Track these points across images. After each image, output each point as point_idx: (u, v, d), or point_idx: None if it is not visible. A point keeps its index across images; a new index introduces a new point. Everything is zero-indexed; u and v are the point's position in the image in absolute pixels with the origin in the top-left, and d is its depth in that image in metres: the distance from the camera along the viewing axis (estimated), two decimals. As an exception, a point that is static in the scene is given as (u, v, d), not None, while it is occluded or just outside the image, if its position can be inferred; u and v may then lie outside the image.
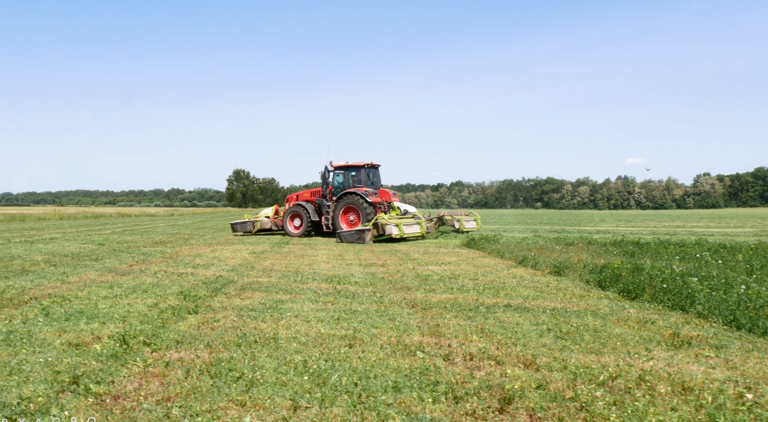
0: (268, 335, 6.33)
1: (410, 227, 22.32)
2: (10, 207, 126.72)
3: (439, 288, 10.03)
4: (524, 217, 73.73)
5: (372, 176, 25.32)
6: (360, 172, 24.88)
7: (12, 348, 5.66)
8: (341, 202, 23.99)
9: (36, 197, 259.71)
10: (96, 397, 4.32)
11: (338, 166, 25.07)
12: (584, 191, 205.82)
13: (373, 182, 25.28)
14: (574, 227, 36.74)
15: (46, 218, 43.87)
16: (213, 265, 13.48)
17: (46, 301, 8.29)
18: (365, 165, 25.00)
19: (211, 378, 4.76)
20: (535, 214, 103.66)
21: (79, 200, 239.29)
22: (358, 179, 24.81)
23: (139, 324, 6.83)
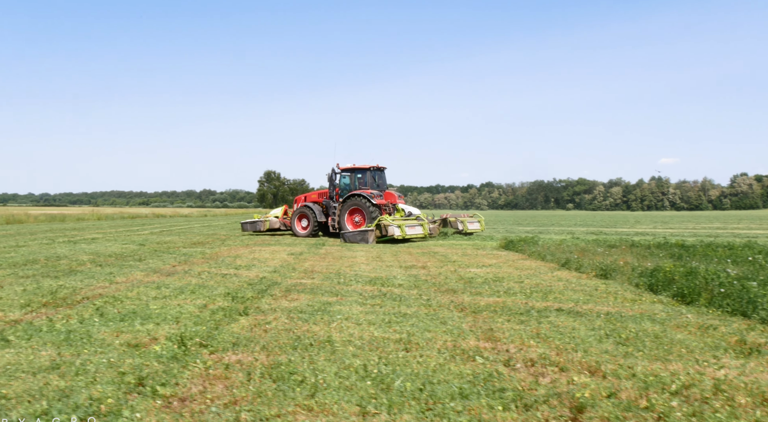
0: (322, 338, 6.29)
1: (413, 228, 22.62)
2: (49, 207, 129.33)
3: (485, 291, 9.91)
4: (557, 218, 73.01)
5: (378, 179, 25.84)
6: (366, 174, 25.36)
7: (74, 348, 5.70)
8: (347, 203, 24.54)
9: (72, 198, 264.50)
10: (163, 399, 4.32)
11: (345, 168, 25.58)
12: (617, 192, 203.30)
13: (378, 184, 25.75)
14: (610, 229, 36.23)
15: (85, 219, 44.61)
16: (254, 266, 13.52)
17: (98, 301, 8.36)
18: (371, 168, 25.46)
19: (274, 382, 4.73)
20: (566, 215, 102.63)
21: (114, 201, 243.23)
22: (363, 181, 25.32)
23: (192, 325, 6.84)
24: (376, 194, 24.43)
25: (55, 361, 5.20)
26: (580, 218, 78.89)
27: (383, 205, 24.53)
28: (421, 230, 22.94)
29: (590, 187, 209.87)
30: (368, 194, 24.03)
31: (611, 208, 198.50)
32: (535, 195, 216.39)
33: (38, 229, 29.24)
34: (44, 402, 4.16)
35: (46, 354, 5.43)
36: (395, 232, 21.62)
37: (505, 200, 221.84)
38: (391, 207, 25.06)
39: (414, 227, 22.69)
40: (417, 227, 22.84)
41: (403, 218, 23.59)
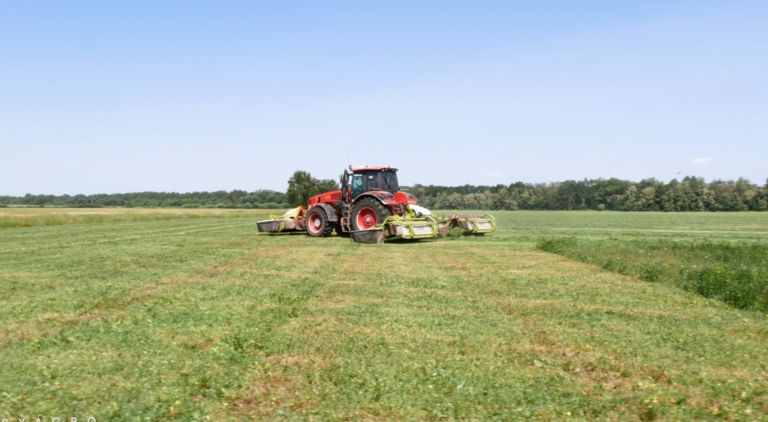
0: (375, 340, 6.29)
1: (421, 228, 22.96)
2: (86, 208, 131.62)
3: (530, 293, 9.83)
4: (589, 219, 72.20)
5: (389, 180, 26.46)
6: (377, 175, 25.98)
7: (133, 349, 5.77)
8: (358, 204, 25.17)
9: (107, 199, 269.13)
10: (229, 401, 4.34)
11: (357, 169, 26.19)
12: (649, 192, 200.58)
13: (390, 185, 26.36)
14: (646, 230, 35.74)
15: (122, 220, 45.31)
16: (294, 267, 13.58)
17: (148, 302, 8.47)
18: (382, 169, 26.04)
19: (335, 385, 4.73)
20: (598, 216, 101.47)
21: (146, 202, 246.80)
22: (375, 182, 25.93)
23: (245, 326, 6.89)
24: (386, 195, 24.98)
25: (117, 362, 5.26)
26: (613, 218, 77.94)
27: (394, 206, 25.06)
28: (429, 230, 23.20)
29: (622, 187, 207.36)
30: (379, 195, 24.62)
31: (644, 208, 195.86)
32: (566, 195, 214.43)
33: (78, 230, 29.76)
34: (114, 403, 4.22)
35: (108, 355, 5.51)
36: (403, 232, 21.99)
37: (536, 201, 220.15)
38: (402, 208, 25.48)
39: (423, 228, 22.99)
40: (426, 228, 23.12)
41: (412, 219, 23.88)
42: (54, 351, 5.64)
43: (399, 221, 22.46)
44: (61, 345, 5.91)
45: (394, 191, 26.14)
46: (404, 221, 22.79)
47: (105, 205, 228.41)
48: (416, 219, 23.92)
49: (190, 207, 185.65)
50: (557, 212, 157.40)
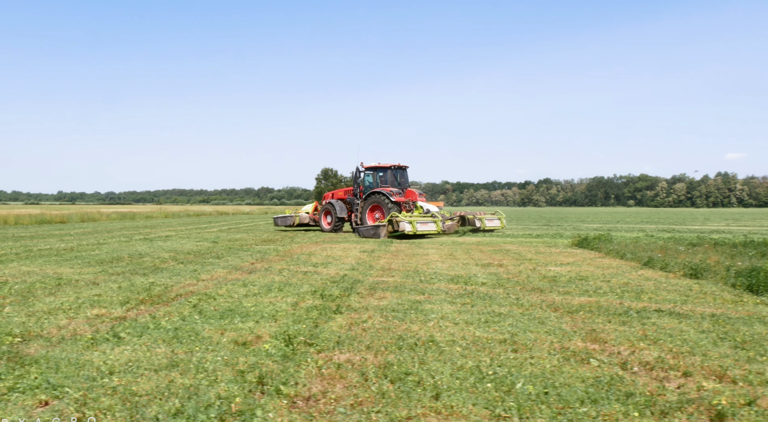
0: (424, 337, 6.23)
1: (425, 225, 23.31)
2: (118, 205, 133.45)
3: (573, 290, 9.70)
4: (620, 215, 71.38)
5: (400, 177, 26.95)
6: (387, 173, 26.57)
7: (185, 345, 5.78)
8: (368, 201, 25.78)
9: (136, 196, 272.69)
10: (288, 399, 4.32)
11: (368, 167, 26.76)
12: (680, 188, 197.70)
13: (400, 182, 26.84)
14: (681, 226, 35.20)
15: (154, 216, 45.83)
16: (330, 264, 13.57)
17: (192, 299, 8.50)
18: (392, 166, 26.59)
19: (392, 383, 4.68)
20: (628, 212, 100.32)
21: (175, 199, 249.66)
22: (384, 179, 26.49)
23: (292, 323, 6.88)
24: (395, 192, 25.60)
25: (172, 359, 5.27)
26: (644, 215, 76.98)
27: (403, 202, 25.43)
28: (434, 226, 23.54)
29: (652, 183, 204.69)
30: (388, 192, 25.21)
31: (674, 205, 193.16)
32: (595, 192, 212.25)
33: (112, 227, 30.14)
34: (176, 400, 4.21)
35: (161, 352, 5.53)
36: (406, 228, 22.39)
37: (564, 197, 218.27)
38: (411, 204, 25.76)
39: (426, 224, 23.33)
40: (430, 224, 23.46)
41: (415, 215, 24.28)
42: (108, 347, 5.67)
43: (401, 217, 22.85)
44: (114, 341, 5.94)
45: (405, 188, 26.67)
46: (406, 217, 23.18)
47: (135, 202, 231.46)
48: (420, 216, 24.17)
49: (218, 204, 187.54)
50: (586, 209, 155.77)
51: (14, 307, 7.65)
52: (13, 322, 6.71)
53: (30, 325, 6.59)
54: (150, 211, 51.60)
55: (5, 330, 6.27)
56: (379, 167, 26.59)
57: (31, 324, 6.67)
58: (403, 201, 25.53)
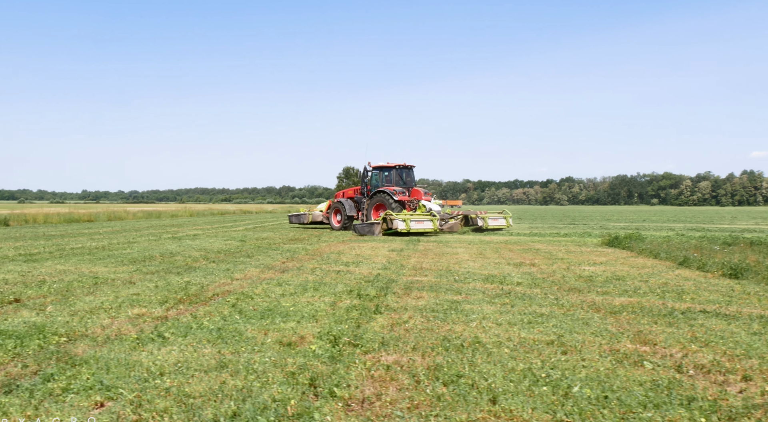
0: (469, 339, 6.14)
1: (420, 223, 23.84)
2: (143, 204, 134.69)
3: (612, 291, 9.55)
4: (645, 214, 70.64)
5: (406, 176, 27.56)
6: (392, 172, 27.29)
7: (230, 346, 5.75)
8: (373, 199, 26.57)
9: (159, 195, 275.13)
10: (343, 401, 4.26)
11: (375, 166, 27.49)
12: (705, 186, 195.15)
13: (405, 181, 27.45)
14: (710, 225, 34.71)
15: (179, 215, 46.17)
16: (361, 263, 13.52)
17: (230, 298, 8.49)
18: (397, 166, 27.28)
19: (445, 386, 4.61)
20: (653, 210, 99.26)
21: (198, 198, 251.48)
22: (390, 178, 27.24)
23: (334, 323, 6.82)
24: (399, 191, 26.20)
25: (220, 360, 5.24)
26: (669, 213, 76.09)
27: (407, 201, 26.24)
28: (430, 225, 23.98)
29: (676, 181, 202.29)
30: (391, 191, 25.96)
31: (699, 203, 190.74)
32: (618, 190, 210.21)
33: (140, 225, 30.37)
34: (231, 402, 4.17)
35: (208, 352, 5.50)
36: (400, 225, 23.07)
37: (586, 196, 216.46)
38: (415, 203, 26.48)
39: (422, 222, 23.87)
40: (426, 222, 23.97)
41: (419, 213, 24.81)
42: (154, 347, 5.66)
43: (395, 216, 23.42)
44: (159, 341, 5.93)
45: (410, 187, 27.31)
46: (399, 215, 23.76)
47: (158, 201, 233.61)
48: (416, 214, 24.63)
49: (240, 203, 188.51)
50: (610, 207, 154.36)
51: (56, 306, 7.68)
52: (57, 322, 6.73)
53: (74, 325, 6.61)
54: (175, 210, 51.98)
55: (51, 330, 6.29)
56: (385, 166, 27.29)
57: (75, 323, 6.69)
58: (408, 200, 26.26)
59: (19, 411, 4.02)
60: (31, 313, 7.22)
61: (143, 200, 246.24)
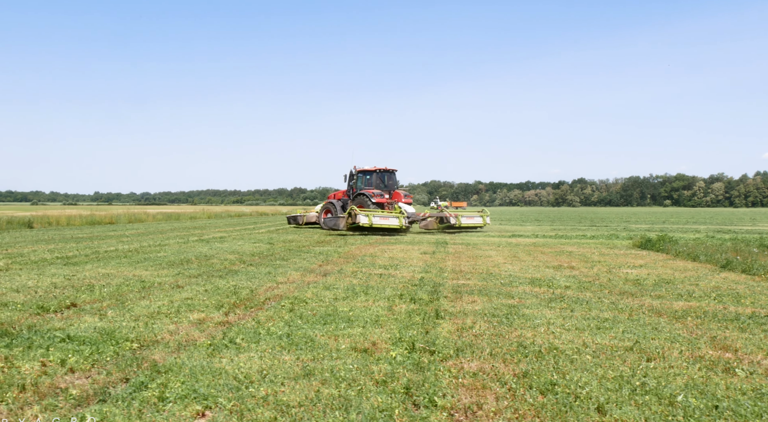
0: (545, 345, 6.04)
1: (385, 219, 25.21)
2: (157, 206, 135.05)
3: (666, 295, 9.44)
4: (662, 215, 70.20)
5: (387, 179, 29.51)
6: (373, 175, 29.27)
7: (307, 352, 5.67)
8: (355, 201, 28.28)
9: (171, 197, 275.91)
10: (446, 411, 4.18)
11: (360, 170, 29.32)
12: (718, 187, 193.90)
13: (387, 184, 29.37)
14: (734, 227, 34.44)
15: (197, 217, 46.24)
16: (398, 266, 13.42)
17: (284, 302, 8.42)
18: (377, 170, 29.26)
19: (542, 394, 4.51)
20: (667, 212, 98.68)
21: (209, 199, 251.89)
22: (370, 181, 29.21)
23: (401, 329, 6.73)
24: (377, 194, 28.13)
25: (303, 367, 5.15)
26: (687, 215, 75.60)
27: (386, 203, 27.99)
28: (396, 222, 25.27)
29: (689, 183, 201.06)
30: (370, 193, 27.91)
31: (712, 205, 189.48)
32: (631, 191, 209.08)
33: (163, 228, 30.38)
34: (336, 412, 4.09)
35: (289, 360, 5.41)
36: (362, 220, 24.58)
37: (599, 197, 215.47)
38: (393, 205, 28.26)
39: (387, 219, 25.24)
40: (391, 219, 25.29)
41: (374, 210, 26.47)
42: (231, 354, 5.58)
43: (358, 211, 25.01)
44: (233, 347, 5.85)
45: (392, 190, 29.28)
46: (363, 210, 25.44)
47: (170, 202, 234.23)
48: (381, 211, 26.28)
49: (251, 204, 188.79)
50: (624, 209, 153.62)
51: (115, 311, 7.63)
52: (123, 327, 6.67)
53: (141, 330, 6.54)
54: (193, 211, 52.03)
55: (121, 335, 6.23)
56: (368, 170, 29.26)
57: (141, 328, 6.63)
58: (386, 202, 28.09)
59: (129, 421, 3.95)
60: (93, 318, 7.16)
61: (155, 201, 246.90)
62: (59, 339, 6.03)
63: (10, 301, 8.21)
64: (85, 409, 4.18)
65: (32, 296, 8.63)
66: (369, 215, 24.72)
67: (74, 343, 5.87)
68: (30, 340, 5.99)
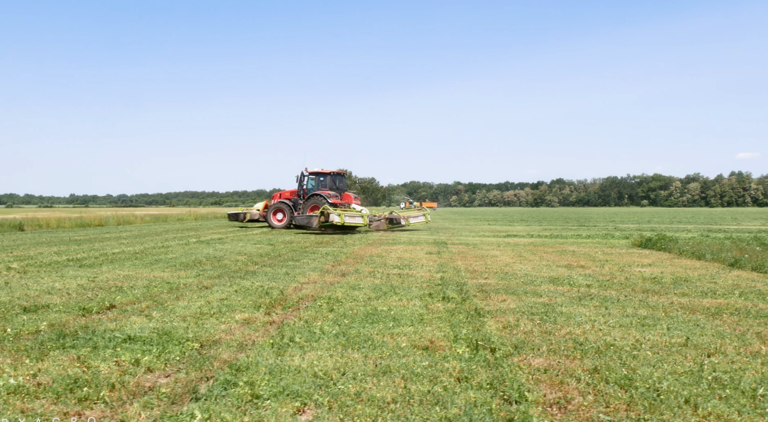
0: (600, 342, 6.16)
1: (353, 218, 26.86)
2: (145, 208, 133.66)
3: (689, 292, 9.63)
4: (644, 215, 71.04)
5: (338, 182, 31.31)
6: (327, 178, 30.81)
7: (370, 350, 5.69)
8: (309, 201, 29.75)
9: (148, 199, 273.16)
10: (541, 406, 4.26)
11: (312, 172, 30.78)
12: (694, 187, 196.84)
13: (339, 187, 31.22)
14: (723, 226, 34.99)
15: (185, 219, 45.81)
16: (411, 266, 13.49)
17: (319, 302, 8.44)
18: (331, 172, 30.87)
19: (623, 389, 4.61)
20: (647, 212, 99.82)
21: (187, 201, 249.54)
22: (324, 183, 30.65)
23: (450, 327, 6.81)
24: (333, 195, 29.75)
25: (377, 365, 5.20)
26: (668, 214, 76.58)
27: (339, 204, 29.57)
28: (361, 220, 27.04)
29: (666, 183, 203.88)
30: (326, 195, 29.44)
31: (689, 204, 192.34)
32: (608, 192, 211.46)
33: (156, 230, 30.08)
34: (435, 408, 4.15)
35: (358, 357, 5.45)
36: (335, 219, 26.00)
37: (577, 197, 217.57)
38: (346, 206, 29.65)
39: (354, 218, 26.84)
40: (357, 218, 26.94)
41: (343, 209, 28.13)
42: (297, 353, 5.61)
43: (332, 210, 26.45)
44: (294, 345, 5.88)
45: (342, 192, 31.18)
46: (335, 210, 26.91)
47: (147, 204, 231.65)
48: (347, 210, 27.87)
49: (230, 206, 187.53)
50: (604, 209, 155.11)
51: (158, 312, 7.60)
52: (177, 327, 6.65)
53: (195, 330, 6.54)
54: (179, 213, 51.61)
55: (179, 335, 6.23)
56: (321, 172, 30.71)
57: (196, 328, 6.62)
58: (340, 203, 29.76)
59: (236, 418, 3.98)
60: (140, 319, 7.13)
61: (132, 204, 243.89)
62: (120, 339, 6.01)
63: (48, 303, 8.13)
64: (182, 406, 4.20)
65: (67, 298, 8.56)
66: (341, 215, 26.29)
67: (138, 343, 5.87)
68: (92, 341, 5.97)
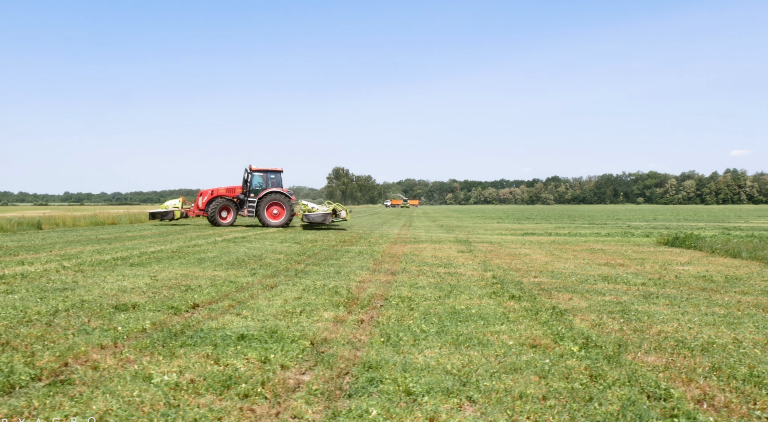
0: (699, 340, 6.31)
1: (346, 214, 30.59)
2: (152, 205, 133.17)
3: (749, 290, 9.83)
4: (648, 213, 71.36)
5: (279, 179, 31.88)
6: (278, 175, 31.52)
7: (484, 349, 5.83)
8: (266, 199, 30.49)
9: (143, 196, 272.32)
10: (688, 402, 4.40)
11: (256, 169, 31.38)
12: (690, 185, 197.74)
13: (279, 184, 31.86)
14: (733, 224, 35.26)
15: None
16: (453, 265, 13.60)
17: (392, 301, 8.52)
18: (274, 170, 31.49)
19: (756, 387, 4.75)
20: (645, 209, 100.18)
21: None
22: (276, 181, 31.41)
23: (539, 325, 6.94)
24: (290, 193, 30.90)
25: (500, 363, 5.33)
26: (668, 212, 76.96)
27: (294, 201, 30.98)
28: (345, 215, 30.34)
29: (662, 180, 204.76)
30: (287, 192, 30.64)
31: (684, 202, 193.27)
32: (604, 189, 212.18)
33: (174, 228, 29.86)
34: (589, 404, 4.28)
35: (476, 355, 5.58)
36: (343, 215, 30.04)
37: (572, 195, 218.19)
38: (296, 202, 31.44)
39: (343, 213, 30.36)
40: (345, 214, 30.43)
41: (343, 207, 30.91)
42: (413, 351, 5.72)
43: (340, 208, 30.12)
44: (404, 344, 6.00)
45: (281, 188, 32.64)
46: (340, 208, 30.28)
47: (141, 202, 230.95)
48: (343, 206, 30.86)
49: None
50: (600, 206, 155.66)
51: (247, 311, 7.68)
52: (278, 326, 6.73)
53: (297, 328, 6.64)
54: (186, 212, 51.57)
55: (288, 334, 6.33)
56: (270, 170, 31.35)
57: (295, 326, 6.72)
58: (294, 200, 31.07)
59: (408, 413, 4.10)
60: (235, 318, 7.22)
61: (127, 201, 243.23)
62: (234, 337, 6.12)
63: (134, 302, 8.19)
64: (341, 402, 4.32)
65: (150, 298, 8.59)
66: (346, 211, 29.74)
67: (255, 342, 5.97)
68: (207, 339, 6.06)
